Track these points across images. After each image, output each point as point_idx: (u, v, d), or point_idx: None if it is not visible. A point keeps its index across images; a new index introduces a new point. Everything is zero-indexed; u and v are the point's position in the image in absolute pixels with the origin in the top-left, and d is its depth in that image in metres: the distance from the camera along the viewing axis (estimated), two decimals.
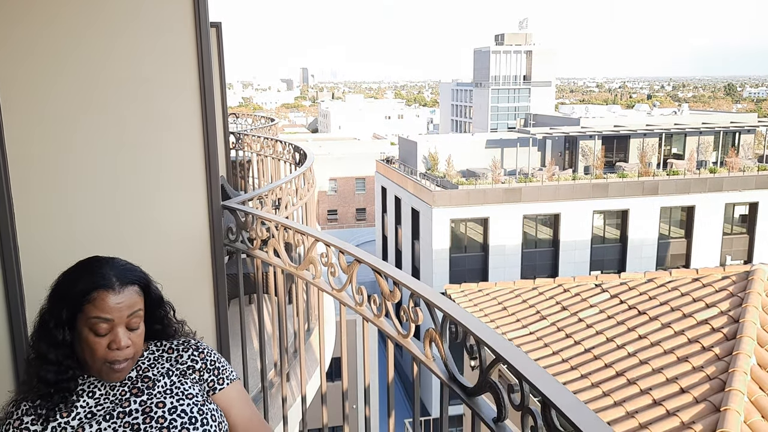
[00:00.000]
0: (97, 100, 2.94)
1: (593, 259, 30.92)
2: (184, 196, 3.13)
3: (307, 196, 4.32)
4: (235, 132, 8.39)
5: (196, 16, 3.04)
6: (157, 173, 3.09)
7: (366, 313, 2.20)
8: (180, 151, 3.12)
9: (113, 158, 2.99)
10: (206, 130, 3.09)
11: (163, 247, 3.13)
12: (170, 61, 3.06)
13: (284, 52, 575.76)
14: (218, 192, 3.13)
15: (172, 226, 3.14)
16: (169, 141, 3.10)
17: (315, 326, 4.38)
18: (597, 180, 30.82)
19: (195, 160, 3.12)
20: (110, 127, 2.97)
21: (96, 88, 2.93)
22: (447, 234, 29.60)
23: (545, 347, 8.59)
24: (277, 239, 2.91)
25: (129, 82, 2.99)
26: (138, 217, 3.06)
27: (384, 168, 37.34)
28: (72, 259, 2.96)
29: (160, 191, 3.11)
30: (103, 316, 1.51)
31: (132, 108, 3.00)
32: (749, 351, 6.92)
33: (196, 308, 3.20)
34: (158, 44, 3.03)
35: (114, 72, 2.95)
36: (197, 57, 3.07)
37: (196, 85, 3.09)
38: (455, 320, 1.65)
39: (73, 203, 2.95)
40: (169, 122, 3.09)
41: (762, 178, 31.06)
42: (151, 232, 3.10)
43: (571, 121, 38.22)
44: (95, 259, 1.62)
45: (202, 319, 3.24)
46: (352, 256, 2.29)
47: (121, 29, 2.95)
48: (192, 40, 3.07)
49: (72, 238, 2.94)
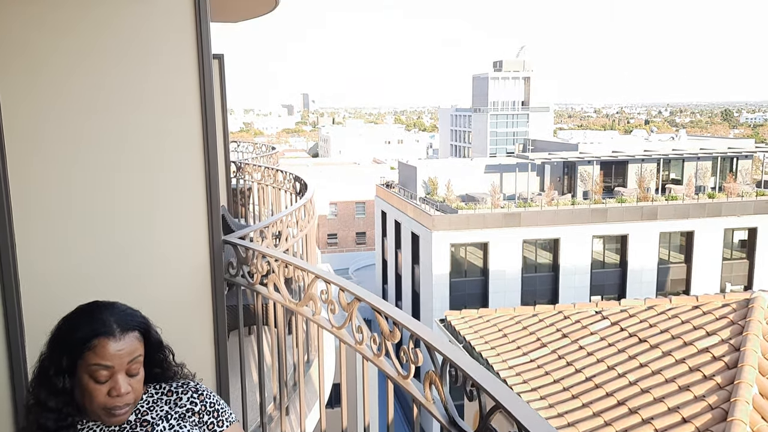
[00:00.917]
0: (98, 131, 2.96)
1: (593, 284, 30.85)
2: (185, 231, 3.14)
3: (307, 228, 4.34)
4: (236, 161, 8.44)
5: (199, 49, 3.09)
6: (158, 207, 3.11)
7: (366, 352, 2.20)
8: (182, 185, 3.14)
9: (113, 190, 3.00)
10: (208, 163, 3.12)
11: (164, 280, 3.13)
12: (173, 95, 3.10)
13: (286, 78, 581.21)
14: (219, 226, 3.14)
15: (173, 259, 3.14)
16: (170, 174, 3.12)
17: (315, 357, 4.36)
18: (596, 205, 30.88)
19: (197, 194, 3.14)
20: (110, 159, 2.99)
21: (95, 118, 2.95)
22: (447, 258, 29.57)
23: (546, 375, 8.53)
24: (277, 274, 2.92)
25: (130, 115, 3.01)
26: (138, 251, 3.07)
27: (384, 192, 37.45)
28: (72, 290, 2.98)
29: (161, 224, 3.12)
30: (103, 364, 1.51)
31: (133, 140, 3.02)
32: (751, 380, 6.87)
33: (196, 342, 3.20)
34: (161, 78, 3.06)
35: (115, 104, 2.98)
36: (200, 91, 3.11)
37: (198, 118, 3.12)
38: (455, 364, 1.65)
39: (73, 234, 2.96)
40: (170, 155, 3.12)
41: (760, 203, 31.12)
42: (152, 266, 3.11)
43: (569, 147, 38.47)
44: (95, 305, 1.62)
45: (202, 352, 3.23)
46: (352, 294, 2.29)
47: (125, 59, 2.98)
48: (195, 74, 3.11)
49: (72, 269, 2.94)
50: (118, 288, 3.03)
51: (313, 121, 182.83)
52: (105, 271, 3.01)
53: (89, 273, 2.97)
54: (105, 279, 3.01)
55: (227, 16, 6.50)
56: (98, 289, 3.03)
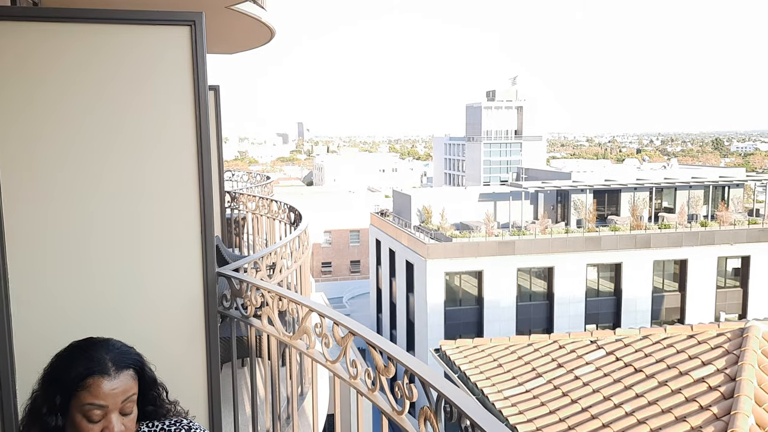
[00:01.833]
0: (89, 160, 2.96)
1: (588, 313, 30.79)
2: (178, 262, 3.13)
3: (301, 259, 4.34)
4: (231, 191, 8.46)
5: (195, 81, 3.11)
6: (152, 238, 3.10)
7: (360, 386, 2.19)
8: (176, 216, 3.14)
9: (104, 221, 2.99)
10: (203, 196, 3.12)
11: (157, 313, 3.11)
12: (168, 126, 3.11)
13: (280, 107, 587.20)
14: (213, 258, 3.14)
15: (166, 292, 3.13)
16: (165, 205, 3.12)
17: (309, 389, 4.32)
18: (590, 233, 31.00)
19: (191, 226, 3.14)
20: (103, 188, 2.98)
21: (88, 149, 2.96)
22: (441, 287, 29.51)
23: (542, 406, 8.46)
24: (271, 307, 2.91)
25: (124, 144, 3.01)
26: (131, 283, 3.06)
27: (378, 220, 37.50)
28: (62, 324, 2.96)
29: (155, 256, 3.11)
30: (97, 403, 1.49)
31: (126, 170, 3.02)
32: (747, 411, 6.84)
33: (188, 375, 3.17)
34: (157, 108, 3.08)
35: (108, 134, 2.98)
36: (195, 123, 3.12)
37: (193, 150, 3.13)
38: (450, 401, 1.64)
39: (63, 266, 2.94)
40: (165, 186, 3.12)
41: (753, 231, 31.32)
42: (145, 299, 3.09)
43: (562, 175, 38.74)
44: (90, 342, 1.61)
45: (194, 386, 3.20)
46: (347, 328, 2.29)
47: (119, 88, 2.99)
48: (191, 106, 3.12)
49: (63, 303, 2.92)
50: (110, 321, 3.01)
51: (308, 149, 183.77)
52: (96, 304, 2.99)
53: (80, 306, 2.95)
54: (97, 312, 2.99)
55: (224, 48, 6.58)
56: (89, 323, 3.01)
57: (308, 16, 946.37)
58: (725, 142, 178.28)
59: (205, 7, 3.54)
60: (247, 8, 6.18)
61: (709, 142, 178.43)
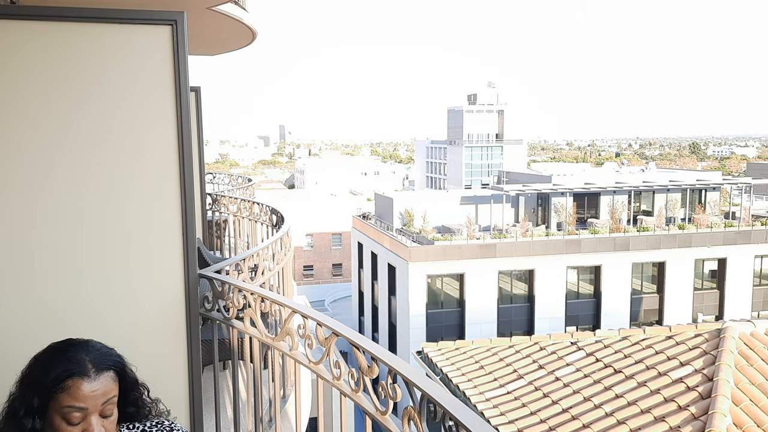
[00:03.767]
0: (70, 160, 2.93)
1: (568, 315, 31.05)
2: (160, 264, 3.10)
3: (284, 261, 4.32)
4: (212, 193, 8.40)
5: (176, 83, 3.08)
6: (133, 240, 3.06)
7: (344, 387, 2.18)
8: (158, 219, 3.11)
9: (84, 222, 2.95)
10: (184, 198, 3.10)
11: (137, 314, 3.08)
12: (149, 128, 3.08)
13: (262, 109, 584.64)
14: (195, 260, 3.11)
15: (147, 294, 3.10)
16: (146, 207, 3.09)
17: (291, 392, 4.30)
18: (570, 236, 31.28)
19: (173, 228, 3.11)
20: (83, 189, 2.94)
21: (69, 149, 2.92)
22: (423, 290, 29.55)
23: (523, 407, 8.50)
24: (253, 309, 2.90)
25: (104, 145, 2.98)
26: (111, 285, 3.02)
27: (360, 224, 37.47)
28: (40, 326, 2.91)
29: (136, 258, 3.07)
30: (77, 405, 1.46)
31: (107, 171, 2.99)
32: (725, 410, 6.94)
33: (170, 377, 3.14)
34: (138, 110, 3.05)
35: (89, 135, 2.95)
36: (177, 125, 3.09)
37: (174, 152, 3.10)
38: (433, 400, 1.65)
39: (42, 267, 2.90)
40: (146, 188, 3.09)
41: (729, 234, 31.84)
42: (125, 300, 3.06)
43: (542, 179, 39.05)
44: (70, 343, 1.58)
45: (176, 388, 3.17)
46: (330, 329, 2.28)
47: (100, 90, 2.95)
48: (172, 107, 3.10)
49: (41, 305, 2.88)
50: (91, 322, 2.98)
51: (290, 152, 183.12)
52: (77, 306, 2.95)
53: (60, 307, 2.91)
54: (77, 313, 2.95)
55: (205, 50, 6.54)
56: (68, 325, 2.97)
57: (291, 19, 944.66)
58: (702, 146, 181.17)
59: (187, 8, 3.51)
60: (228, 9, 6.15)
61: (687, 146, 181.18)
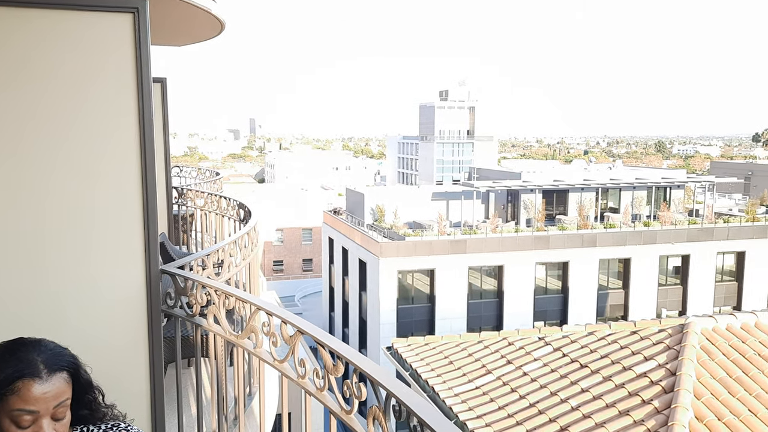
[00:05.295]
0: (25, 149, 2.82)
1: (536, 310, 31.46)
2: (120, 259, 3.01)
3: (250, 256, 4.25)
4: (178, 187, 8.25)
5: (138, 72, 2.99)
6: (91, 232, 2.96)
7: (308, 386, 2.14)
8: (117, 211, 3.01)
9: (39, 214, 2.85)
10: (146, 189, 3.01)
11: (96, 311, 2.98)
12: (109, 117, 2.99)
13: (232, 102, 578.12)
14: (157, 255, 3.03)
15: (106, 289, 3.00)
16: (106, 199, 2.99)
17: (257, 390, 4.24)
18: (538, 232, 31.66)
19: (133, 221, 3.02)
20: (39, 180, 2.84)
21: (26, 140, 2.82)
22: (394, 285, 29.62)
23: (491, 402, 8.57)
24: (217, 306, 2.83)
25: (64, 135, 2.88)
26: (67, 280, 2.92)
27: (331, 219, 37.34)
28: None
29: (93, 252, 2.97)
30: (27, 408, 1.40)
31: (65, 161, 2.88)
32: (687, 404, 7.09)
33: (130, 376, 3.05)
34: (98, 98, 2.95)
35: (47, 124, 2.85)
36: (138, 114, 3.00)
37: (136, 142, 3.01)
38: (399, 399, 1.62)
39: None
40: (107, 181, 2.99)
41: (693, 231, 32.61)
42: (83, 295, 2.96)
43: (513, 175, 39.44)
44: (20, 342, 1.50)
45: (137, 387, 3.08)
46: (295, 327, 2.24)
47: (60, 77, 2.85)
48: (134, 96, 3.00)
49: None
50: (46, 320, 2.87)
51: (260, 146, 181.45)
52: (31, 303, 2.85)
53: (10, 304, 2.80)
54: (31, 311, 2.84)
55: (171, 40, 6.39)
56: (23, 322, 2.86)
57: (263, 10, 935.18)
58: (667, 144, 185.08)
59: None
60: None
61: (653, 144, 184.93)
